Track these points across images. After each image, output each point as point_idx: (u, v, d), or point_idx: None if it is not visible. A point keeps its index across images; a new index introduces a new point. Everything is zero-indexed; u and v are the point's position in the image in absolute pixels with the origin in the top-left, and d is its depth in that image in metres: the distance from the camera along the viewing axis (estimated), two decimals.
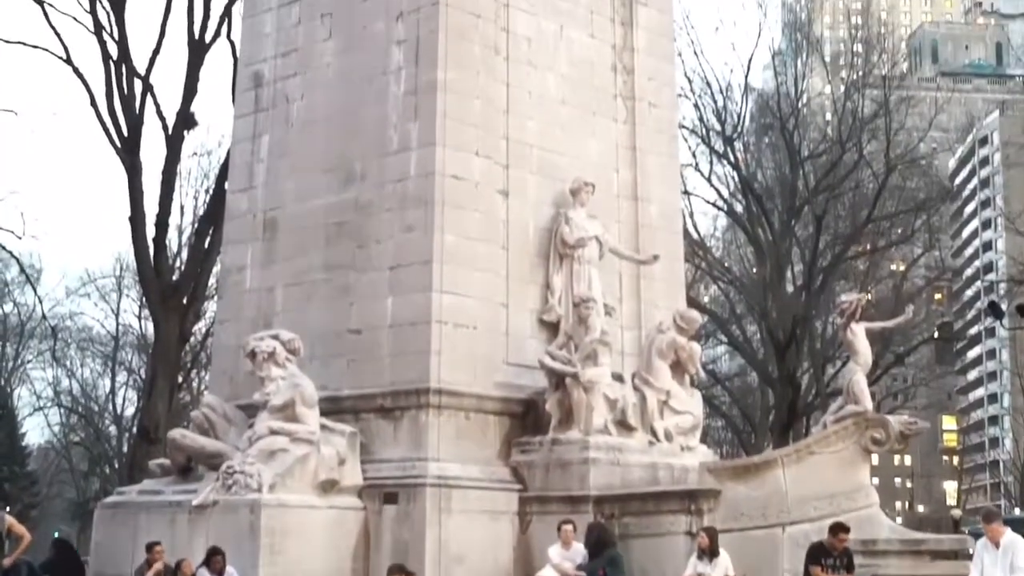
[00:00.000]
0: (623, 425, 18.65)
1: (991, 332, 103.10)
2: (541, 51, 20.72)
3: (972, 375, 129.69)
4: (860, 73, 55.36)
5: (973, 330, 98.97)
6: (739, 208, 53.52)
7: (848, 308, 18.77)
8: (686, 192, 46.94)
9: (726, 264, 56.74)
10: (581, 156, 20.81)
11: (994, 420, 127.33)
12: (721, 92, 51.32)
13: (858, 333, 18.61)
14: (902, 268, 61.46)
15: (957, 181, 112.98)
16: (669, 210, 22.35)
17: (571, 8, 21.31)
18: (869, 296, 50.38)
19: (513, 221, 19.68)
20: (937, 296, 74.15)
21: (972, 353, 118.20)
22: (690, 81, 50.05)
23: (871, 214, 50.84)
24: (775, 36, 57.45)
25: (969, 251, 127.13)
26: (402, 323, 18.71)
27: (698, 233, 53.57)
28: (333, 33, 20.81)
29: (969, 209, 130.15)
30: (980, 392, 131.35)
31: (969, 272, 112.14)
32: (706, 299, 59.35)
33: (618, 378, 19.01)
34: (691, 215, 50.85)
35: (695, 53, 51.08)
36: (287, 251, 20.67)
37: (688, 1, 50.21)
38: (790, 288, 52.38)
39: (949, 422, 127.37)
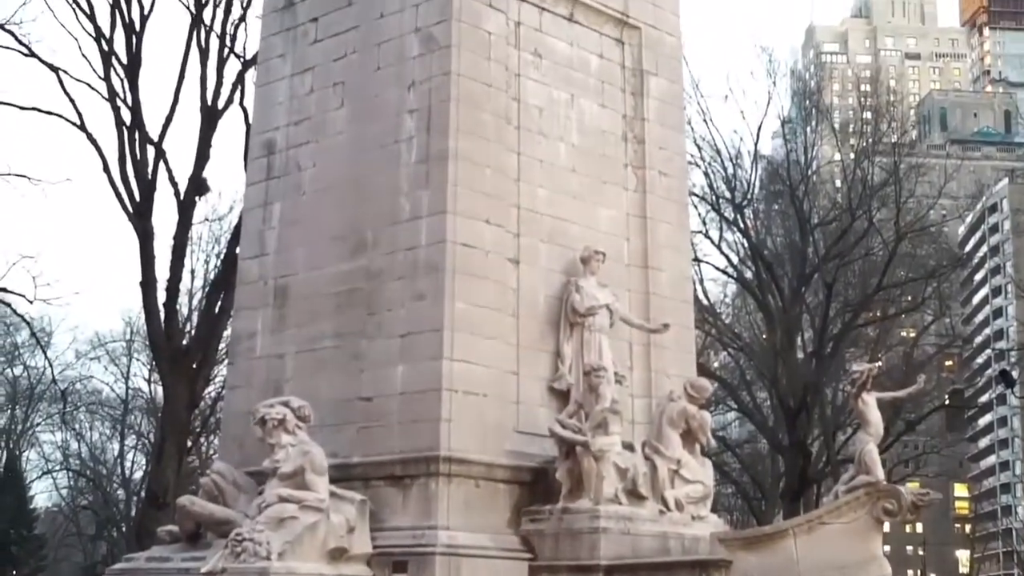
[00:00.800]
0: (634, 494, 18.56)
1: (1002, 399, 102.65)
2: (552, 120, 20.84)
3: (983, 443, 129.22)
4: (870, 141, 55.52)
5: (984, 398, 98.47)
6: (749, 275, 53.60)
7: (859, 378, 18.71)
8: (696, 259, 47.04)
9: (736, 331, 56.78)
10: (592, 224, 20.87)
11: (1006, 488, 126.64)
12: (731, 160, 51.61)
13: (869, 403, 18.55)
14: (912, 335, 61.43)
15: (967, 248, 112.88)
16: (679, 278, 22.37)
17: (582, 78, 21.46)
18: (880, 363, 50.33)
19: (524, 289, 19.71)
20: (948, 363, 73.99)
21: (983, 420, 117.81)
22: (700, 149, 50.37)
23: (881, 282, 50.84)
24: (784, 104, 57.59)
25: (979, 318, 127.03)
26: (412, 391, 18.68)
27: (708, 299, 53.66)
28: (345, 102, 20.95)
29: (979, 276, 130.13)
30: (992, 460, 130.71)
31: (979, 339, 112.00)
32: (716, 365, 59.35)
33: (629, 447, 18.94)
34: (701, 282, 50.98)
35: (705, 121, 51.33)
36: (298, 318, 20.70)
37: (698, 69, 50.56)
38: (800, 355, 52.33)
39: (961, 490, 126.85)
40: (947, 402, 61.72)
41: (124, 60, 37.35)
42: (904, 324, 62.23)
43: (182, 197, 37.18)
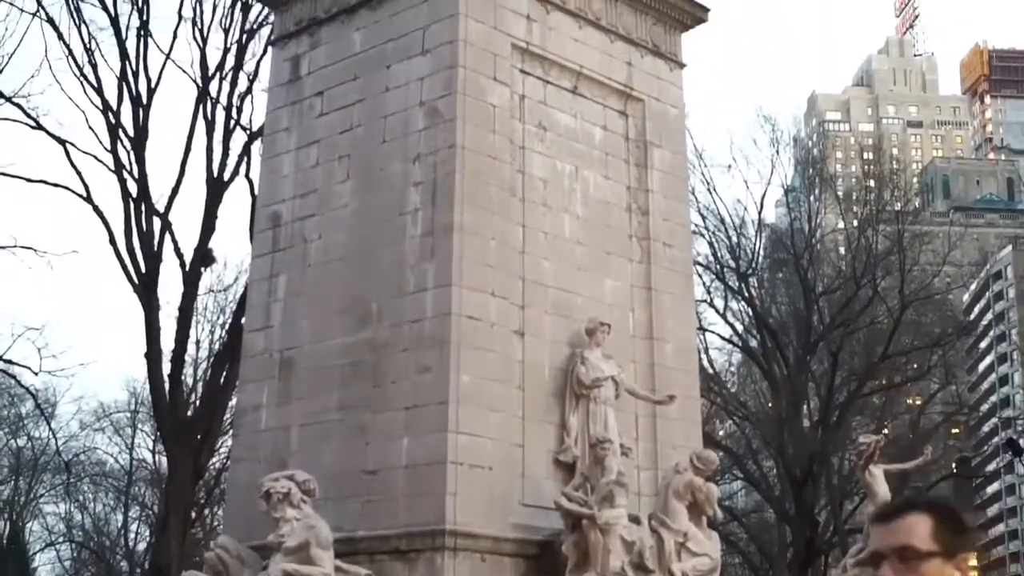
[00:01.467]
0: (640, 568, 18.42)
1: (1010, 468, 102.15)
2: (556, 192, 20.94)
3: (992, 511, 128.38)
4: (873, 210, 55.71)
5: (992, 466, 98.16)
6: (754, 343, 53.59)
7: (866, 450, 18.70)
8: (701, 328, 47.02)
9: (741, 399, 56.67)
10: (596, 296, 20.90)
11: (1016, 556, 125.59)
12: (735, 229, 51.73)
13: (876, 475, 18.52)
14: (919, 403, 61.31)
15: (972, 316, 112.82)
16: (685, 349, 22.37)
17: (586, 150, 21.58)
18: (886, 431, 50.20)
19: (529, 361, 19.70)
20: (955, 431, 73.78)
21: (991, 489, 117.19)
22: (704, 218, 50.56)
23: (887, 350, 50.80)
24: (788, 172, 57.81)
25: (985, 386, 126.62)
26: (418, 464, 18.62)
27: (713, 368, 53.61)
28: (351, 175, 21.05)
29: (984, 344, 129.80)
30: (1000, 528, 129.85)
31: (986, 407, 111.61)
32: (721, 434, 59.23)
33: (635, 520, 18.82)
34: (706, 350, 50.97)
35: (709, 190, 51.56)
36: (303, 391, 20.68)
37: (702, 138, 50.81)
38: (806, 423, 52.21)
39: (970, 559, 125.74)
40: (954, 471, 61.51)
41: (131, 132, 37.58)
42: (910, 392, 62.09)
43: (188, 268, 37.27)
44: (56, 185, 38.31)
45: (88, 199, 37.36)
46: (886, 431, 52.57)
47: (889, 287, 52.96)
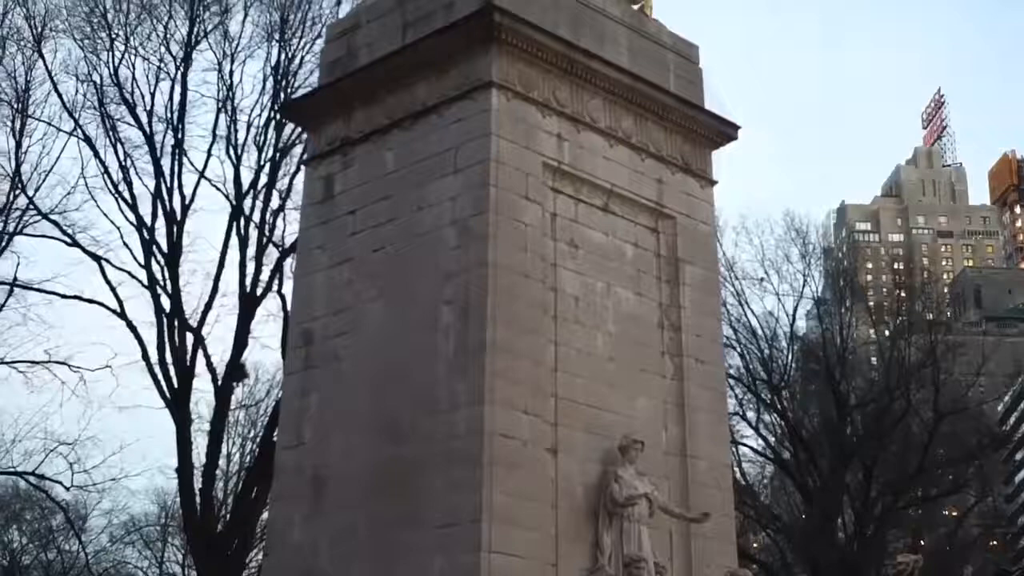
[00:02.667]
0: None
1: None
2: (588, 309, 20.95)
3: None
4: (905, 321, 55.54)
5: None
6: (787, 455, 53.21)
7: (904, 570, 18.46)
8: (733, 441, 46.73)
9: (775, 512, 56.10)
10: (629, 413, 20.80)
11: None
12: (767, 341, 51.58)
13: None
14: (956, 515, 60.61)
15: (1007, 427, 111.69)
16: (718, 466, 22.20)
17: (618, 267, 21.63)
18: (923, 542, 49.64)
19: (562, 479, 19.56)
20: (992, 544, 72.79)
21: None
22: (735, 330, 50.45)
23: (922, 463, 50.33)
24: (818, 282, 57.73)
25: (1023, 498, 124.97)
26: None
27: (746, 480, 53.18)
28: (383, 292, 21.12)
29: (1021, 455, 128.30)
30: None
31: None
32: (755, 547, 58.53)
33: None
34: (739, 463, 50.59)
35: (740, 303, 51.50)
36: (334, 508, 20.58)
37: (732, 250, 50.84)
38: (841, 536, 51.59)
39: None
40: None
41: (165, 249, 37.98)
42: (947, 504, 61.40)
43: (220, 383, 37.41)
44: (90, 301, 38.64)
45: (122, 315, 37.68)
46: (923, 542, 52.02)
47: (923, 399, 52.59)
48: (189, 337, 37.58)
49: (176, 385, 36.79)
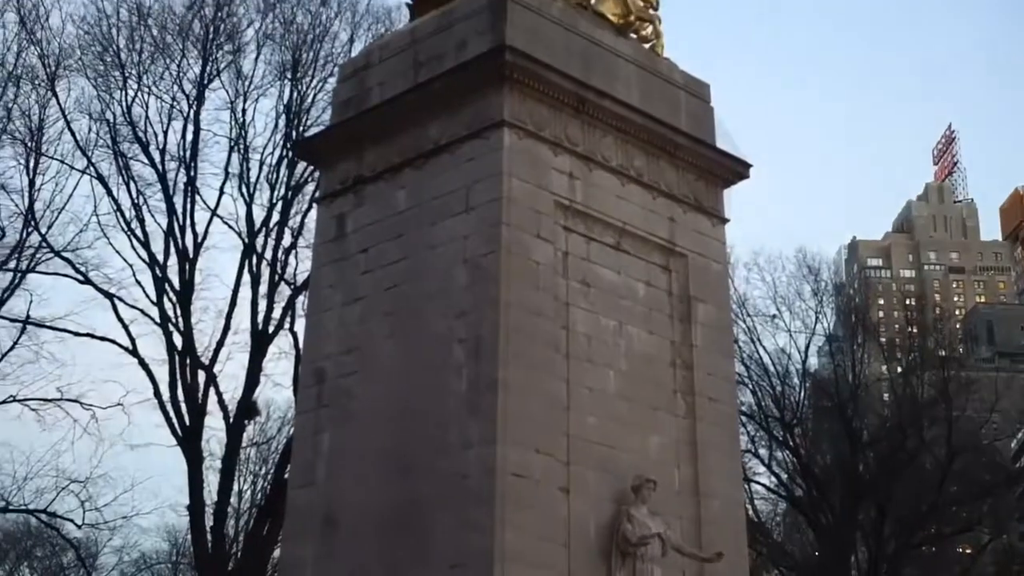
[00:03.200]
0: None
1: None
2: (600, 348, 20.90)
3: None
4: (917, 358, 55.43)
5: None
6: (799, 492, 53.03)
7: None
8: (746, 479, 46.60)
9: (787, 549, 55.91)
10: (642, 452, 20.73)
11: None
12: (779, 378, 51.49)
13: None
14: (969, 552, 60.30)
15: (1020, 464, 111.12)
16: (731, 505, 22.11)
17: (630, 305, 21.60)
18: None
19: (574, 518, 19.47)
20: None
21: None
22: (747, 367, 50.36)
23: (936, 501, 50.12)
24: (830, 318, 57.68)
25: None
26: None
27: (758, 518, 53.00)
28: (395, 331, 21.11)
29: None
30: None
31: None
32: None
33: None
34: (751, 500, 50.45)
35: (752, 340, 51.43)
36: (346, 547, 20.51)
37: (744, 288, 50.91)
38: (854, 574, 51.36)
39: None
40: None
41: (177, 286, 38.05)
42: (961, 542, 61.09)
43: (231, 421, 37.41)
44: (103, 339, 38.70)
45: (134, 352, 37.75)
46: None
47: (936, 436, 52.42)
48: (201, 374, 37.64)
49: (188, 422, 36.81)
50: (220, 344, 37.91)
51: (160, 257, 38.62)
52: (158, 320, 38.09)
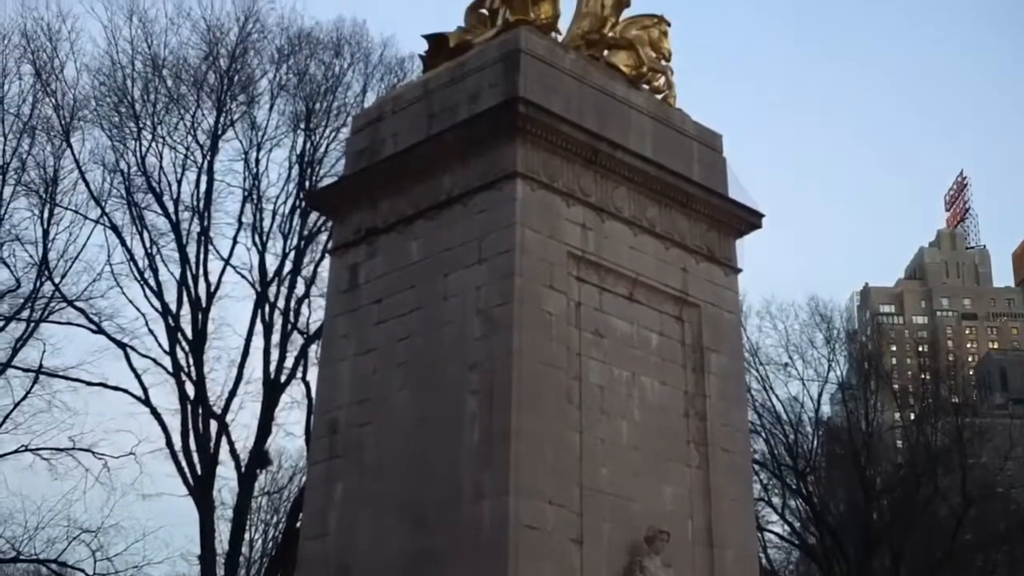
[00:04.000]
0: None
1: None
2: (614, 398, 20.87)
3: None
4: (931, 405, 55.29)
5: None
6: (813, 541, 52.79)
7: None
8: (759, 527, 46.42)
9: None
10: (655, 502, 20.67)
11: None
12: (792, 426, 51.37)
13: None
14: None
15: None
16: (745, 555, 22.01)
17: (643, 355, 21.58)
18: None
19: (587, 570, 19.37)
20: None
21: None
22: (760, 416, 50.26)
23: (950, 549, 49.87)
24: (842, 365, 57.60)
25: None
26: None
27: (771, 566, 52.77)
28: (408, 382, 21.11)
29: None
30: None
31: None
32: None
33: None
34: (764, 548, 50.24)
35: (765, 389, 51.35)
36: None
37: (756, 336, 50.97)
38: None
39: None
40: None
41: (189, 336, 38.12)
42: None
43: (243, 470, 37.38)
44: (115, 388, 38.73)
45: (146, 402, 37.78)
46: None
47: (950, 484, 52.21)
48: (213, 424, 37.64)
49: (199, 472, 36.78)
50: (232, 393, 37.99)
51: (173, 306, 38.74)
52: (171, 369, 38.16)
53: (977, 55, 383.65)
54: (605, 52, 23.76)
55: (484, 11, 23.94)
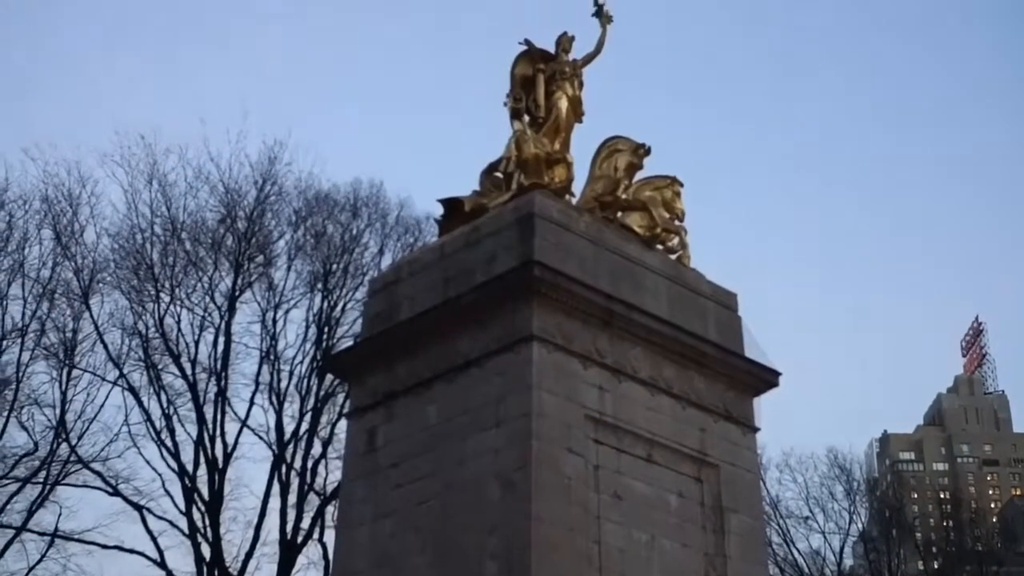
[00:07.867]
0: None
1: None
2: (633, 561, 20.65)
3: None
4: (955, 554, 54.71)
5: None
6: None
7: None
8: None
9: None
10: None
11: None
12: None
13: None
14: None
15: None
16: None
17: (662, 517, 21.41)
18: None
19: None
20: None
21: None
22: (782, 570, 49.68)
23: None
24: (865, 519, 57.04)
25: None
26: None
27: None
28: (426, 546, 20.93)
29: None
30: None
31: None
32: None
33: None
34: None
35: (786, 542, 50.86)
36: None
37: (776, 489, 50.69)
38: None
39: None
40: None
41: (206, 496, 37.97)
42: None
43: None
44: (131, 551, 38.49)
45: (162, 564, 37.51)
46: None
47: None
48: None
49: None
50: (249, 555, 37.73)
51: (190, 467, 38.64)
52: (187, 531, 37.92)
53: (986, 198, 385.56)
54: (619, 214, 24.01)
55: (499, 175, 24.26)
